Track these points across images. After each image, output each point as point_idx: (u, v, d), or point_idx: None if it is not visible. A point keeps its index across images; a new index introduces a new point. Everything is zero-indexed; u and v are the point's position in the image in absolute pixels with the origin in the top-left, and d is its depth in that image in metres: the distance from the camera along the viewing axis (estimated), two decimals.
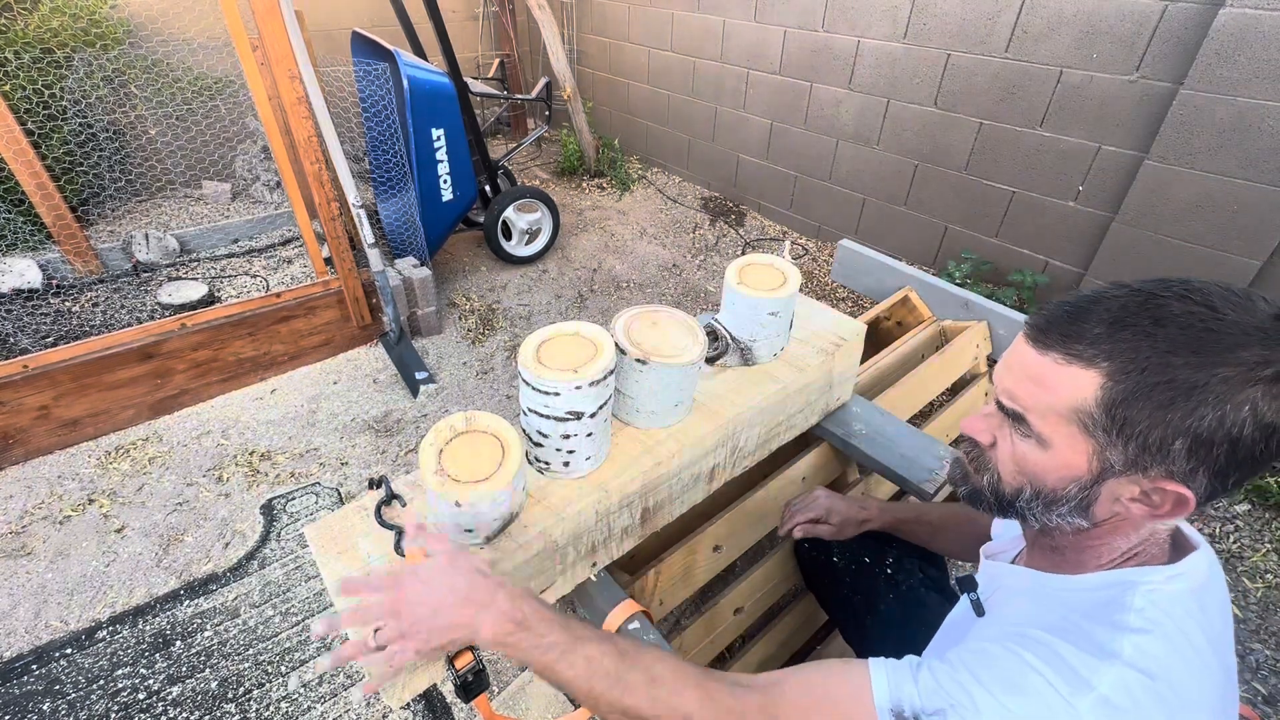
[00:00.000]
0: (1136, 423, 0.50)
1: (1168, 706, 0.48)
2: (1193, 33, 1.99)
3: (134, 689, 1.44)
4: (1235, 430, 0.47)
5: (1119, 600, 0.54)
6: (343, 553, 0.82)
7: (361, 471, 2.03)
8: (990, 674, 0.53)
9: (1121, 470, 0.53)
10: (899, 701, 0.56)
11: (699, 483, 1.12)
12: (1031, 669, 0.51)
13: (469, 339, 2.70)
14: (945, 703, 0.53)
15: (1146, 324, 0.49)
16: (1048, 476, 0.57)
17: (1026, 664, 0.51)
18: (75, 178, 3.05)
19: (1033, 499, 0.59)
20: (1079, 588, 0.59)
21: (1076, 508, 0.57)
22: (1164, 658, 0.50)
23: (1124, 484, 0.54)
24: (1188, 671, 0.51)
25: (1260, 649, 1.54)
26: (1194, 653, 0.52)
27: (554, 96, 3.53)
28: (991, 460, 0.62)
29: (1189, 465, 0.49)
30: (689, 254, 3.45)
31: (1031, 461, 0.58)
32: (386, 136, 2.72)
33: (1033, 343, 0.56)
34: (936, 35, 2.62)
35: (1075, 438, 0.54)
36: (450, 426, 0.81)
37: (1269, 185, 1.93)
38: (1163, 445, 0.49)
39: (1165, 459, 0.50)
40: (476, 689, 0.82)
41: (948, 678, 0.55)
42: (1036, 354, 0.55)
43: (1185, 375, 0.47)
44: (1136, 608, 0.53)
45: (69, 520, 1.84)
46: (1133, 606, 0.53)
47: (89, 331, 2.36)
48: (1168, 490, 0.51)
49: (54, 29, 2.87)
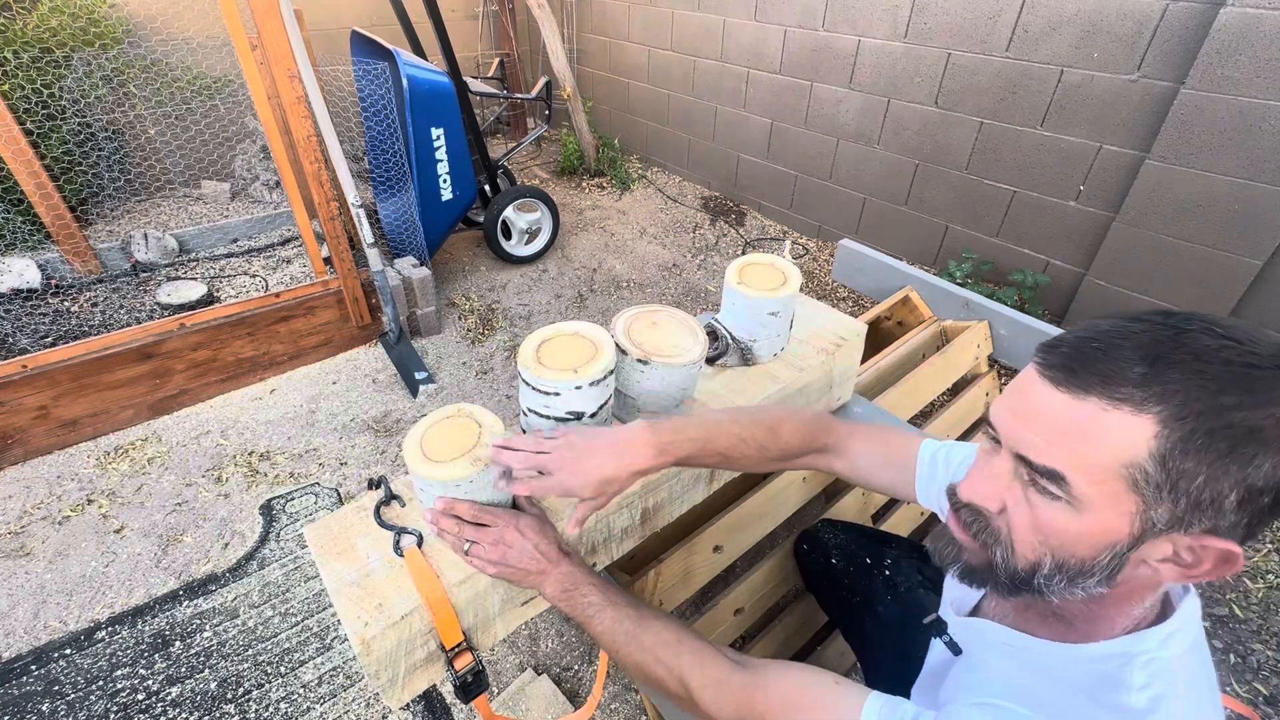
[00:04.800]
0: (1194, 476, 0.43)
1: None
2: (1194, 32, 1.98)
3: (133, 690, 1.43)
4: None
5: (1117, 678, 0.50)
6: (342, 553, 0.82)
7: (361, 472, 2.02)
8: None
9: (1164, 530, 0.46)
10: None
11: (699, 483, 1.11)
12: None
13: (469, 339, 2.70)
14: None
15: (1190, 360, 0.44)
16: (1079, 545, 0.49)
17: None
18: (74, 177, 3.05)
19: (1054, 572, 0.51)
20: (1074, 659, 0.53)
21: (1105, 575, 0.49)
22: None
23: (1160, 544, 0.47)
24: None
25: (1261, 649, 1.54)
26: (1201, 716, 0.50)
27: (554, 96, 3.52)
28: (1002, 531, 0.53)
29: (1237, 518, 0.44)
30: (689, 254, 3.45)
31: (1059, 528, 0.49)
32: (386, 136, 2.71)
33: (1061, 386, 0.48)
34: (937, 34, 2.62)
35: (1120, 496, 0.46)
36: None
37: (1270, 185, 1.92)
38: (1216, 499, 0.43)
39: (1217, 514, 0.44)
40: (476, 690, 0.82)
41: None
42: (1070, 399, 0.47)
43: (1241, 418, 0.42)
44: (1138, 686, 0.49)
45: (68, 520, 1.84)
46: (1133, 685, 0.49)
47: (88, 331, 2.35)
48: (1211, 548, 0.45)
49: (53, 28, 2.86)
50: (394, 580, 0.78)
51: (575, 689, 1.46)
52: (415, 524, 0.85)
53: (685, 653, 0.70)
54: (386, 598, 0.76)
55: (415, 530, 0.82)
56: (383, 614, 0.74)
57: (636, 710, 1.41)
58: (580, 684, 1.47)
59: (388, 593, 0.77)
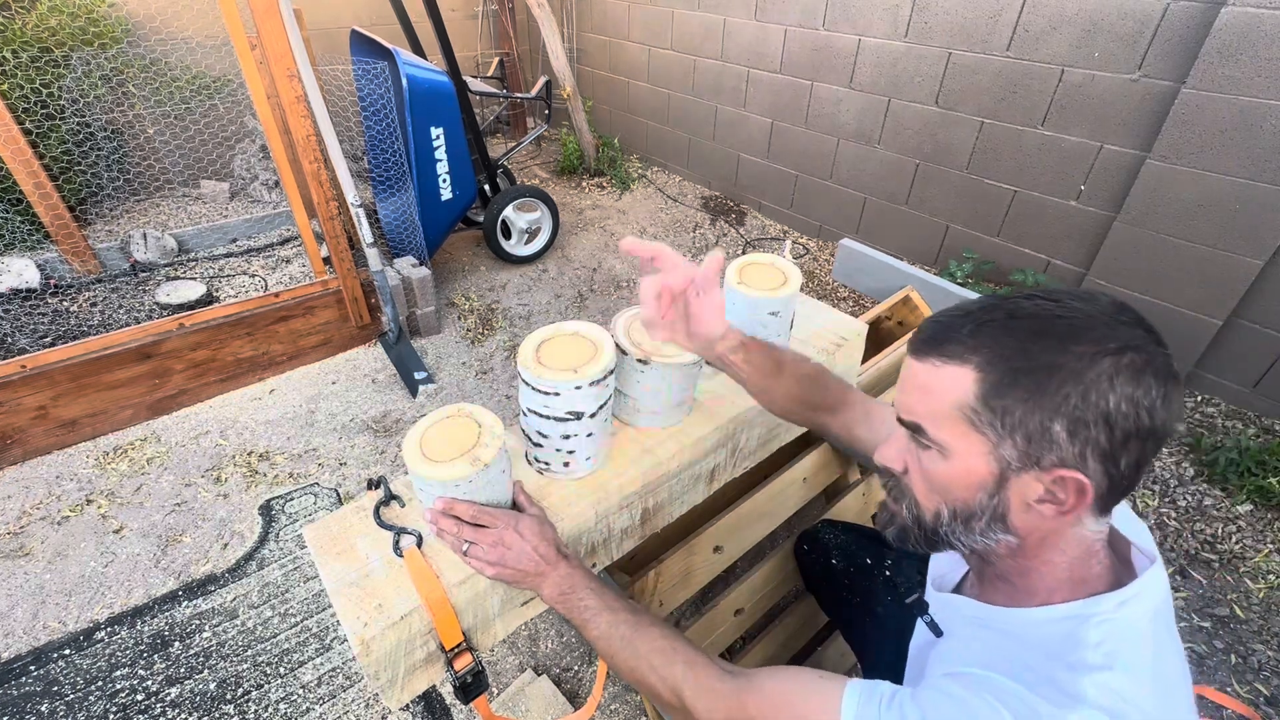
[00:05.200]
0: (1014, 410, 0.52)
1: None
2: (1195, 32, 1.98)
3: (132, 690, 1.43)
4: (1103, 404, 0.50)
5: (1074, 636, 0.54)
6: (341, 553, 0.82)
7: (360, 472, 2.02)
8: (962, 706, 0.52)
9: (1019, 467, 0.54)
10: None
11: (699, 483, 1.11)
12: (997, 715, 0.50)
13: (468, 339, 2.69)
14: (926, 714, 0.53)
15: (1004, 319, 0.54)
16: (955, 487, 0.58)
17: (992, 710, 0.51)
18: (73, 177, 3.04)
19: (951, 520, 0.59)
20: (1034, 621, 0.58)
21: (993, 519, 0.57)
22: (1128, 691, 0.50)
23: (1027, 483, 0.55)
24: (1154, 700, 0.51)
25: (1262, 650, 1.54)
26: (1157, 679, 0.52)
27: (553, 95, 3.52)
28: (908, 487, 0.63)
29: (1075, 449, 0.51)
30: (689, 253, 3.45)
31: (938, 474, 0.59)
32: (385, 135, 2.71)
33: (914, 356, 0.59)
34: (938, 34, 2.62)
35: (968, 437, 0.55)
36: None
37: (1271, 185, 1.92)
38: (1044, 430, 0.52)
39: (1052, 445, 0.52)
40: (476, 690, 0.82)
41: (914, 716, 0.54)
42: (920, 364, 0.58)
43: (1044, 359, 0.51)
44: (1092, 643, 0.53)
45: (67, 521, 1.84)
46: (1088, 642, 0.53)
47: (87, 331, 2.35)
48: (1066, 479, 0.53)
49: (52, 28, 2.86)
50: (393, 580, 0.78)
51: (575, 689, 1.46)
52: (415, 524, 0.84)
53: (679, 661, 0.71)
54: (386, 598, 0.76)
55: (415, 530, 0.82)
56: (382, 614, 0.74)
57: (636, 710, 1.41)
58: (580, 684, 1.47)
59: (387, 593, 0.76)
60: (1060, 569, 0.59)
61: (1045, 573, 0.59)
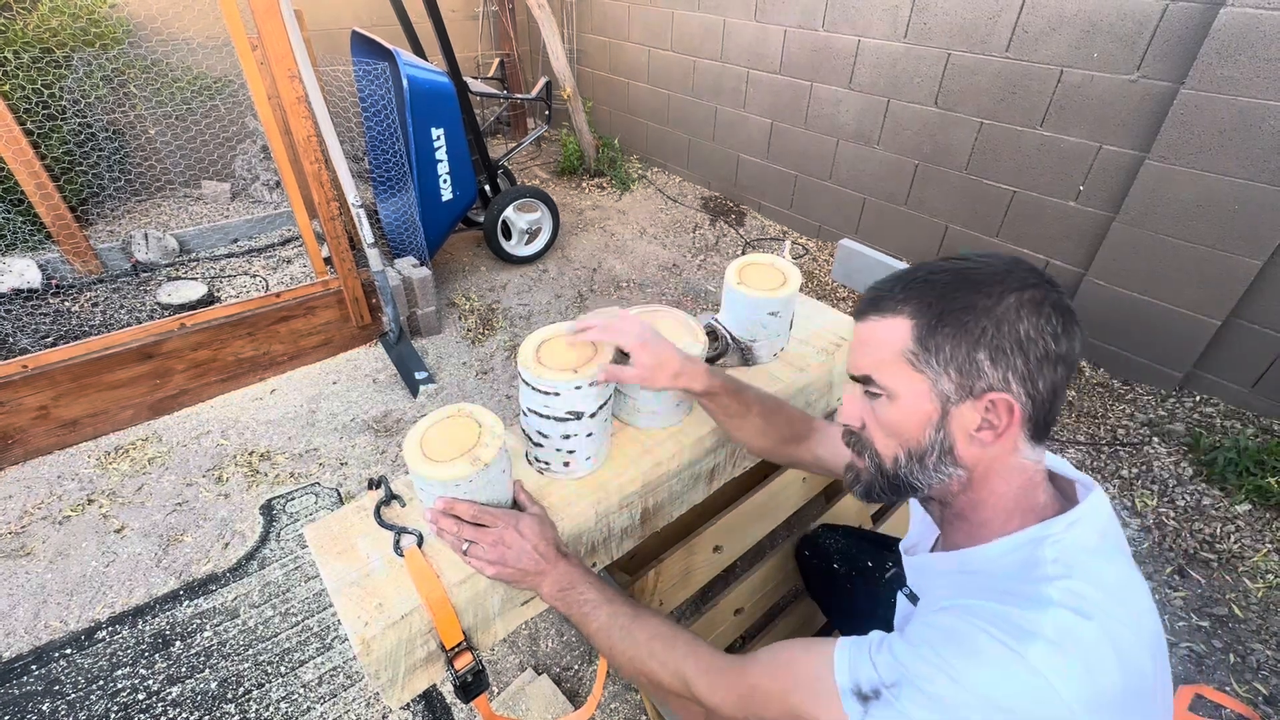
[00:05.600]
0: (944, 347, 0.60)
1: (1109, 635, 0.53)
2: (1193, 32, 1.98)
3: (134, 689, 1.43)
4: (1014, 333, 0.58)
5: (1032, 558, 0.60)
6: (342, 553, 0.82)
7: (361, 472, 2.03)
8: (941, 642, 0.56)
9: (957, 399, 0.61)
10: (858, 681, 0.58)
11: (699, 483, 1.12)
12: (979, 630, 0.55)
13: (469, 339, 2.70)
14: (901, 675, 0.56)
15: (926, 275, 0.64)
16: (907, 427, 0.64)
17: (974, 627, 0.55)
18: (74, 177, 3.05)
19: (908, 460, 0.65)
20: (994, 555, 0.63)
21: (942, 454, 0.63)
22: (1090, 594, 0.55)
23: (965, 413, 0.61)
24: (1114, 602, 0.56)
25: (1261, 649, 1.54)
26: (1115, 587, 0.58)
27: (554, 96, 3.52)
28: (868, 440, 0.69)
29: (999, 374, 0.59)
30: (689, 254, 3.45)
31: (891, 418, 0.65)
32: (386, 136, 2.72)
33: (858, 319, 0.68)
34: (937, 35, 2.62)
35: (911, 378, 0.62)
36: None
37: (1270, 185, 1.92)
38: (971, 361, 0.59)
39: (979, 374, 0.60)
40: (476, 690, 0.82)
41: (903, 651, 0.57)
42: (862, 325, 0.67)
43: (962, 302, 0.60)
44: (1050, 559, 0.59)
45: (68, 520, 1.84)
46: (1045, 559, 0.59)
47: (88, 331, 2.36)
48: (996, 402, 0.60)
49: (53, 29, 2.86)
50: (394, 580, 0.79)
51: (575, 689, 1.46)
52: (415, 524, 0.85)
53: (680, 645, 0.73)
54: (386, 598, 0.76)
55: (415, 530, 0.82)
56: (383, 614, 0.74)
57: (636, 710, 1.41)
58: (580, 684, 1.47)
59: (388, 593, 0.77)
60: (1008, 499, 0.64)
61: (995, 504, 0.65)
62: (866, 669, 0.58)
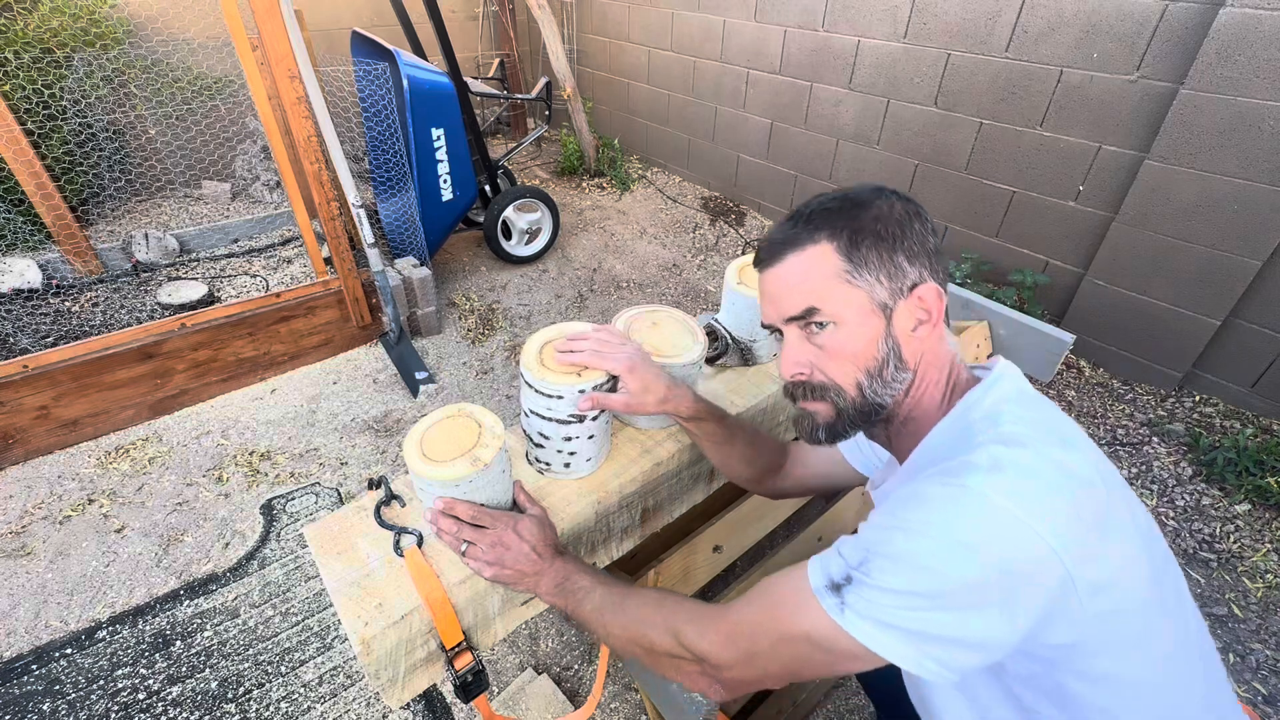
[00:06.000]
0: (869, 258, 0.64)
1: (1045, 458, 0.55)
2: (1193, 32, 1.99)
3: (134, 689, 1.44)
4: (913, 234, 0.64)
5: (964, 428, 0.63)
6: (342, 553, 0.82)
7: (361, 471, 2.03)
8: (895, 509, 0.58)
9: (893, 304, 0.64)
10: (829, 575, 0.58)
11: (699, 483, 1.12)
12: (926, 483, 0.57)
13: (469, 339, 2.70)
14: (864, 552, 0.56)
15: (818, 206, 0.67)
16: (863, 347, 0.65)
17: (920, 485, 0.57)
18: (75, 178, 3.05)
19: (870, 380, 0.66)
20: (935, 443, 0.66)
21: (896, 364, 0.66)
22: (1018, 429, 0.58)
23: (903, 314, 0.65)
24: (1044, 431, 0.59)
25: (1260, 649, 1.54)
26: (1043, 421, 0.61)
27: (554, 96, 3.52)
28: (824, 381, 0.68)
29: (917, 269, 0.64)
30: (689, 254, 3.45)
31: (843, 345, 0.66)
32: (386, 136, 2.72)
33: (770, 266, 0.69)
34: (937, 35, 2.62)
35: (851, 296, 0.64)
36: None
37: (1269, 185, 1.92)
38: (894, 264, 0.64)
39: (904, 274, 0.64)
40: (476, 689, 0.82)
41: (864, 531, 0.59)
42: (779, 268, 0.68)
43: (866, 217, 0.64)
44: (977, 418, 0.62)
45: (69, 520, 1.84)
46: (974, 420, 0.63)
47: (89, 331, 2.36)
48: (924, 294, 0.64)
49: (54, 29, 2.87)
50: (394, 580, 0.79)
51: (575, 688, 1.46)
52: (415, 524, 0.85)
53: (668, 603, 0.72)
54: (386, 597, 0.76)
55: (415, 530, 0.82)
56: (383, 614, 0.74)
57: (636, 710, 1.42)
58: (580, 684, 1.48)
59: (388, 592, 0.77)
60: (940, 387, 0.68)
61: (931, 395, 0.68)
62: (835, 562, 0.58)
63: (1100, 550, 0.53)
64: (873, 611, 0.53)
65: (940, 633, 0.52)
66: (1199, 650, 0.62)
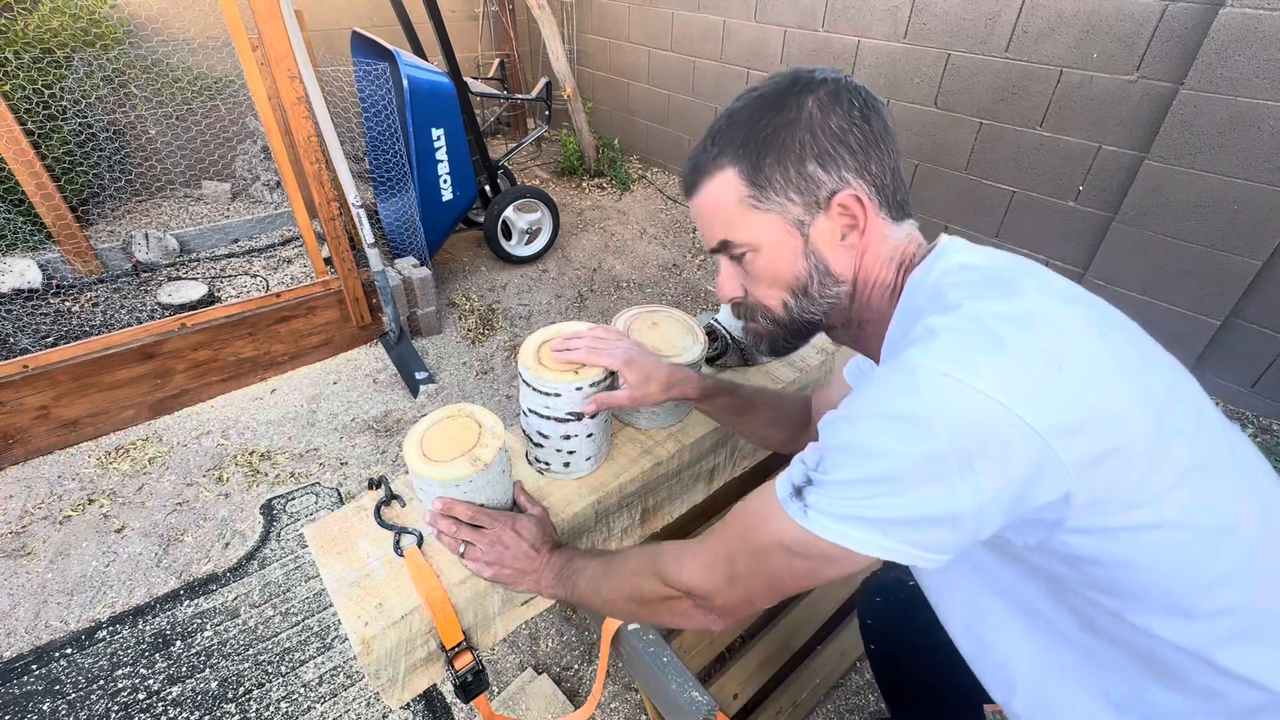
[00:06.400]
0: (774, 177, 0.61)
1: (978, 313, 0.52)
2: (1193, 32, 1.99)
3: (134, 689, 1.44)
4: (827, 132, 0.59)
5: (911, 312, 0.60)
6: (342, 553, 0.82)
7: (361, 471, 2.03)
8: (845, 402, 0.56)
9: (810, 218, 0.62)
10: (792, 482, 0.56)
11: (699, 483, 1.12)
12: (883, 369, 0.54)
13: (469, 339, 2.70)
14: (820, 451, 0.55)
15: (725, 123, 0.64)
16: (781, 268, 0.64)
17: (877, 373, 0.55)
18: (75, 178, 3.05)
19: (796, 299, 0.66)
20: (894, 333, 0.63)
21: (823, 278, 0.64)
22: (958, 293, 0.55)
23: (823, 227, 0.62)
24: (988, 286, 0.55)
25: None
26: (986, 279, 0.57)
27: (554, 96, 3.52)
28: (754, 304, 0.69)
29: (835, 175, 0.60)
30: (689, 254, 3.45)
31: (764, 269, 0.65)
32: (386, 136, 2.72)
33: (691, 197, 0.68)
34: (937, 35, 2.62)
35: (761, 220, 0.63)
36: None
37: (1269, 185, 1.92)
38: (805, 176, 0.60)
39: (819, 184, 0.60)
40: (476, 689, 0.82)
41: (820, 434, 0.56)
42: (697, 199, 0.67)
43: (769, 128, 0.60)
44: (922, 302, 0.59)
45: (69, 520, 1.84)
46: (920, 304, 0.59)
47: (89, 331, 2.36)
48: (845, 202, 0.60)
49: (54, 29, 2.87)
50: (394, 580, 0.79)
51: (575, 688, 1.46)
52: (415, 524, 0.85)
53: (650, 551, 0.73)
54: (386, 597, 0.76)
55: (415, 530, 0.83)
56: (383, 614, 0.74)
57: (636, 710, 1.42)
58: (580, 683, 1.48)
59: (388, 592, 0.77)
60: (887, 284, 0.65)
61: (880, 293, 0.65)
62: (796, 468, 0.57)
63: (1064, 389, 0.48)
64: (833, 507, 0.52)
65: (904, 514, 0.49)
66: (1235, 467, 0.54)
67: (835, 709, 1.43)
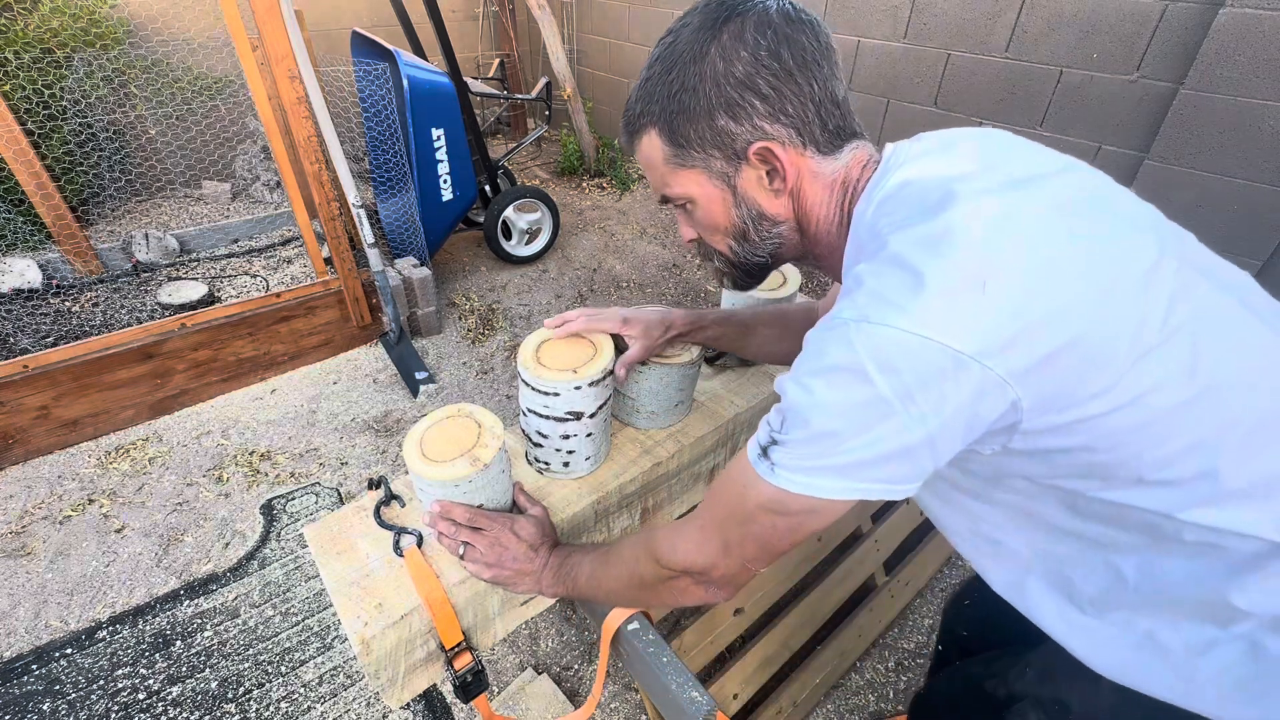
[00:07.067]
0: (689, 134, 0.61)
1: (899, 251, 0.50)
2: (1193, 32, 1.98)
3: (134, 689, 1.44)
4: (733, 79, 0.58)
5: (856, 245, 0.60)
6: (342, 553, 0.82)
7: (361, 471, 2.03)
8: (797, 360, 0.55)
9: (733, 170, 0.63)
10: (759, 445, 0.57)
11: (699, 483, 1.12)
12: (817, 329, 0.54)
13: (469, 339, 2.70)
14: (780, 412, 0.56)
15: (644, 76, 0.64)
16: (717, 217, 0.67)
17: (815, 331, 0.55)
18: (75, 178, 3.05)
19: (738, 243, 0.69)
20: (849, 259, 0.63)
21: (757, 221, 0.66)
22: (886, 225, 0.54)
23: (748, 176, 0.63)
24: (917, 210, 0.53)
25: None
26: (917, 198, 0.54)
27: (554, 96, 3.52)
28: (707, 244, 0.73)
29: (747, 125, 0.60)
30: (689, 254, 3.45)
31: (703, 218, 0.68)
32: (386, 136, 2.72)
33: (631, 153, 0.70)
34: (937, 35, 2.62)
35: (689, 177, 0.65)
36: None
37: (1269, 185, 1.92)
38: (717, 130, 0.60)
39: (732, 136, 0.60)
40: (476, 689, 0.82)
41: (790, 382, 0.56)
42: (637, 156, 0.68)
43: (678, 82, 0.60)
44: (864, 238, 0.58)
45: (69, 520, 1.84)
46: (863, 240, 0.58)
47: (89, 331, 2.36)
48: (760, 151, 0.60)
49: (54, 29, 2.87)
50: (394, 580, 0.79)
51: (575, 688, 1.46)
52: (415, 524, 0.85)
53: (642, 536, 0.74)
54: (386, 598, 0.76)
55: (415, 530, 0.83)
56: (383, 614, 0.74)
57: (636, 710, 1.42)
58: (580, 683, 1.48)
59: (387, 593, 0.77)
60: (831, 220, 0.65)
61: (826, 229, 0.66)
62: (763, 431, 0.57)
63: (988, 308, 0.47)
64: (798, 463, 0.53)
65: (861, 458, 0.51)
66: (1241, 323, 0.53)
67: (835, 709, 1.43)
